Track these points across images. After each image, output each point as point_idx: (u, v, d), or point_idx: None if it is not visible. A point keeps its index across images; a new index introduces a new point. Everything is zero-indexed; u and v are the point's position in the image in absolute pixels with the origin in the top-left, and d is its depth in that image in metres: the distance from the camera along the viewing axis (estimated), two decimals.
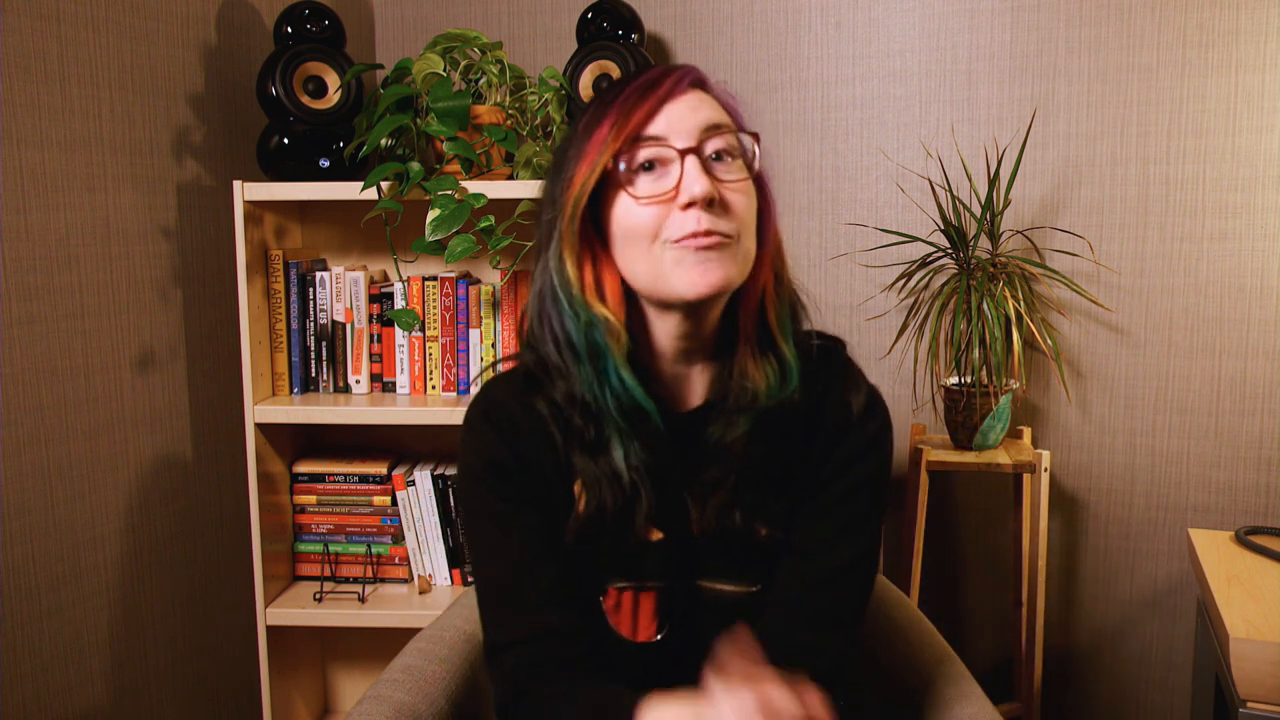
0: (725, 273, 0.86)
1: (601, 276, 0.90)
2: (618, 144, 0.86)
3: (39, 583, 1.35)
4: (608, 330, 0.89)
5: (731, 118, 0.91)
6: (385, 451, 1.84)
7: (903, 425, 1.94)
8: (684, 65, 0.91)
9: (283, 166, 1.66)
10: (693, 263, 0.85)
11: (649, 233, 0.86)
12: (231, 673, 1.75)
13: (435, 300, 1.70)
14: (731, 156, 0.88)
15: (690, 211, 0.84)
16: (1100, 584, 1.91)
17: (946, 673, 1.11)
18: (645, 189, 0.86)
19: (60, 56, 1.37)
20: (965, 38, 1.85)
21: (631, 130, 0.86)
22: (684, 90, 0.88)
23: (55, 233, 1.37)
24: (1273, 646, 1.23)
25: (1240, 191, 1.76)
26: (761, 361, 0.93)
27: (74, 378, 1.40)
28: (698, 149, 0.86)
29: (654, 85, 0.88)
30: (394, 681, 1.09)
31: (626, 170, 0.87)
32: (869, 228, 1.92)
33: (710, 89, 0.92)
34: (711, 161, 0.87)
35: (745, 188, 0.88)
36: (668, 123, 0.86)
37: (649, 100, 0.87)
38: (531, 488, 0.94)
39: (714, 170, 0.86)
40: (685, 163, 0.85)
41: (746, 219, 0.88)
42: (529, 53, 2.01)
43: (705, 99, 0.90)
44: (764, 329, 0.94)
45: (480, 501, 0.96)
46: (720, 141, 0.87)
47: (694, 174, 0.84)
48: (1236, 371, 1.79)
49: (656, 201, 0.86)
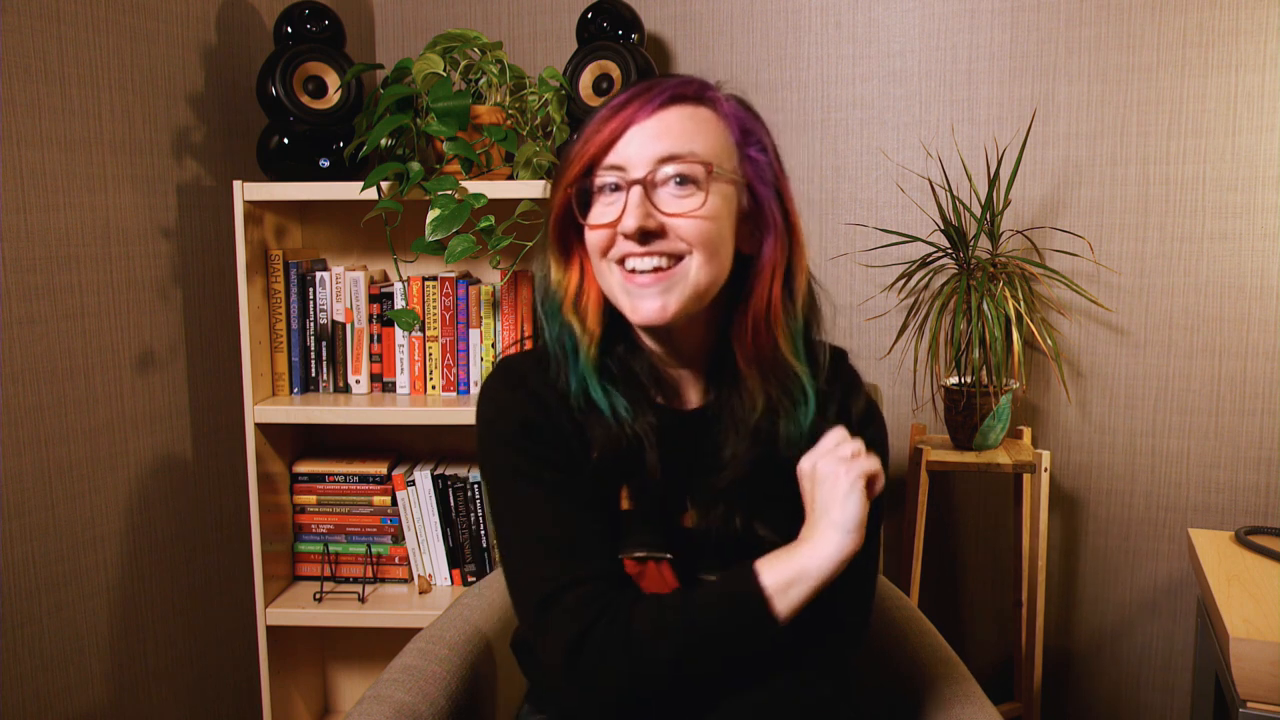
0: (663, 305, 0.88)
1: (585, 284, 0.95)
2: (579, 168, 0.90)
3: (39, 583, 1.35)
4: (577, 338, 0.93)
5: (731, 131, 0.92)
6: (385, 451, 1.84)
7: (903, 425, 1.94)
8: (674, 79, 0.92)
9: (283, 166, 1.66)
10: (634, 294, 0.89)
11: (600, 252, 0.91)
12: (231, 673, 1.76)
13: (435, 300, 1.70)
14: (693, 181, 0.88)
15: (627, 240, 0.88)
16: (1100, 584, 1.91)
17: (946, 673, 1.11)
18: (596, 215, 0.90)
19: (60, 56, 1.37)
20: (965, 38, 1.85)
21: (591, 158, 0.89)
22: (651, 112, 0.89)
23: (55, 233, 1.37)
24: (1273, 646, 1.23)
25: (1240, 191, 1.76)
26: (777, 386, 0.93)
27: (74, 378, 1.40)
28: (645, 180, 0.88)
29: (623, 106, 0.90)
30: (394, 681, 1.09)
31: (590, 194, 0.91)
32: (869, 228, 1.92)
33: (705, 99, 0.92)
34: (672, 184, 0.88)
35: (701, 213, 0.88)
36: (626, 149, 0.89)
37: (613, 122, 0.89)
38: (562, 449, 0.94)
39: (662, 200, 0.88)
40: (629, 193, 0.88)
41: (703, 241, 0.88)
42: (529, 53, 2.01)
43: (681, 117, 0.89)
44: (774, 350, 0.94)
45: (517, 460, 0.94)
46: (675, 167, 0.88)
47: (632, 205, 0.87)
48: (1236, 371, 1.79)
49: (603, 227, 0.90)
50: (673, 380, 0.98)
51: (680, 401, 0.99)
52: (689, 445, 0.96)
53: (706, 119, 0.91)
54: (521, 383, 0.96)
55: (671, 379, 0.98)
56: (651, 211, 0.88)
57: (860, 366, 1.05)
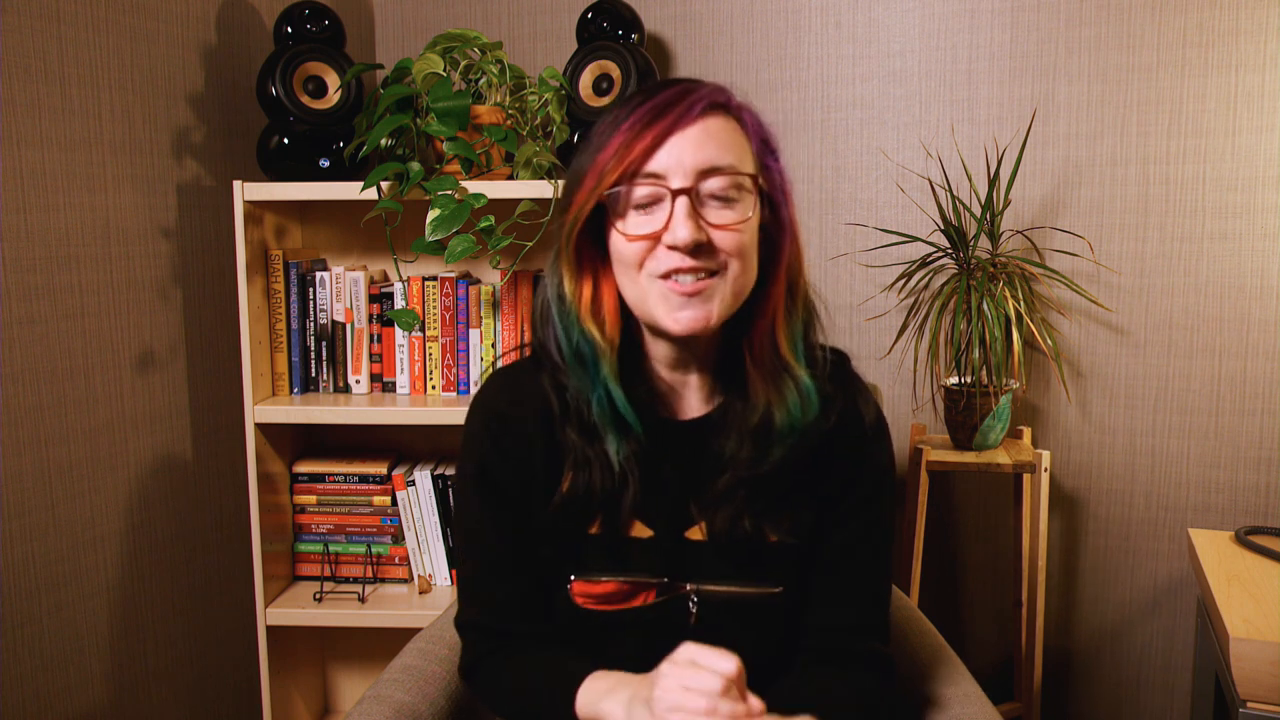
0: (707, 314, 0.88)
1: (600, 292, 0.93)
2: (616, 175, 0.87)
3: (39, 583, 1.35)
4: (596, 347, 0.92)
5: (750, 141, 0.92)
6: (385, 451, 1.84)
7: (903, 425, 1.94)
8: (703, 86, 0.90)
9: (283, 166, 1.66)
10: (676, 304, 0.88)
11: (635, 264, 0.89)
12: (231, 673, 1.76)
13: (435, 300, 1.70)
14: (734, 194, 0.88)
15: (674, 252, 0.86)
16: (1100, 584, 1.91)
17: (946, 673, 1.11)
18: (635, 225, 0.88)
19: (60, 56, 1.37)
20: (965, 38, 1.85)
21: (630, 164, 0.87)
22: (694, 119, 0.87)
23: (55, 233, 1.37)
24: (1273, 646, 1.23)
25: (1240, 191, 1.76)
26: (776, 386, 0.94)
27: (74, 378, 1.40)
28: (691, 190, 0.86)
29: (663, 112, 0.87)
30: (394, 681, 1.09)
31: (622, 202, 0.89)
32: (869, 228, 1.92)
33: (731, 109, 0.91)
34: (709, 199, 0.87)
35: (742, 227, 0.88)
36: (668, 158, 0.86)
37: (654, 129, 0.86)
38: (513, 491, 0.98)
39: (707, 211, 0.87)
40: (676, 204, 0.86)
41: (740, 252, 0.89)
42: (529, 53, 2.01)
43: (717, 127, 0.89)
44: (774, 351, 0.94)
45: (467, 500, 1.01)
46: (722, 178, 0.87)
47: (681, 217, 0.85)
48: (1236, 371, 1.79)
49: (644, 238, 0.88)
50: (675, 389, 0.99)
51: (681, 411, 0.99)
52: (691, 456, 0.97)
53: (735, 130, 0.91)
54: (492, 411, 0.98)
55: (674, 388, 0.99)
56: (701, 224, 0.86)
57: (860, 367, 1.06)
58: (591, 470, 0.93)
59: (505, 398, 0.99)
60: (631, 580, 0.96)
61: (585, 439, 0.94)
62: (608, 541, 0.96)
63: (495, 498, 0.98)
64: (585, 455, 0.93)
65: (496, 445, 0.97)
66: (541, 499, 0.96)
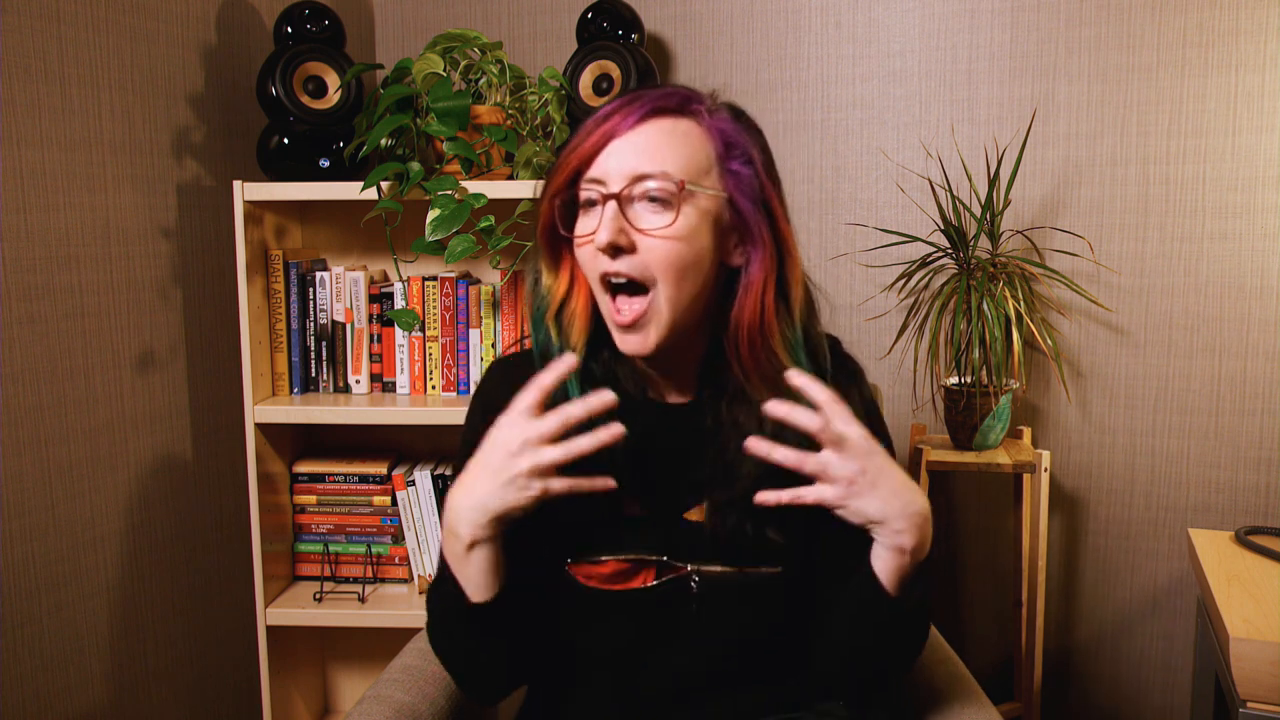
0: (644, 341, 0.90)
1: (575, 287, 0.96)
2: (561, 179, 0.91)
3: (39, 583, 1.35)
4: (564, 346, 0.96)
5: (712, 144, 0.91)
6: (385, 451, 1.84)
7: (903, 425, 1.94)
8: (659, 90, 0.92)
9: (283, 166, 1.66)
10: (617, 329, 0.92)
11: (589, 268, 0.92)
12: (231, 673, 1.76)
13: (435, 300, 1.70)
14: (664, 199, 0.88)
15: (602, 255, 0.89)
16: (1100, 584, 1.91)
17: (946, 673, 1.11)
18: (580, 228, 0.92)
19: (60, 56, 1.37)
20: (965, 38, 1.85)
21: (572, 170, 0.91)
22: (630, 125, 0.89)
23: (55, 233, 1.37)
24: (1273, 646, 1.23)
25: (1240, 191, 1.76)
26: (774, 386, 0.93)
27: (74, 378, 1.40)
28: (620, 194, 0.88)
29: (606, 118, 0.90)
30: (394, 681, 1.09)
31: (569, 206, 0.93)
32: (869, 228, 1.92)
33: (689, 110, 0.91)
34: (645, 201, 0.89)
35: (668, 233, 0.88)
36: (606, 162, 0.89)
37: (594, 136, 0.90)
38: None
39: (635, 217, 0.89)
40: (605, 208, 0.89)
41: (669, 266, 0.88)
42: (529, 53, 2.01)
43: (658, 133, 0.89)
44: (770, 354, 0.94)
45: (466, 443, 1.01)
46: (651, 184, 0.88)
47: (606, 220, 0.88)
48: (1236, 371, 1.79)
49: (584, 242, 0.91)
50: (661, 378, 1.00)
51: (670, 395, 1.00)
52: (683, 436, 0.98)
53: (686, 132, 0.90)
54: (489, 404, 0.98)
55: (659, 378, 1.00)
56: (624, 227, 0.88)
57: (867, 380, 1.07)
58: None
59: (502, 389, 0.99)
60: (630, 559, 0.96)
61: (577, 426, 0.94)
62: (602, 523, 0.97)
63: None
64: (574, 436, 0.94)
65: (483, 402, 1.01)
66: None
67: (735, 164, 0.92)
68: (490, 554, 0.89)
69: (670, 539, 0.97)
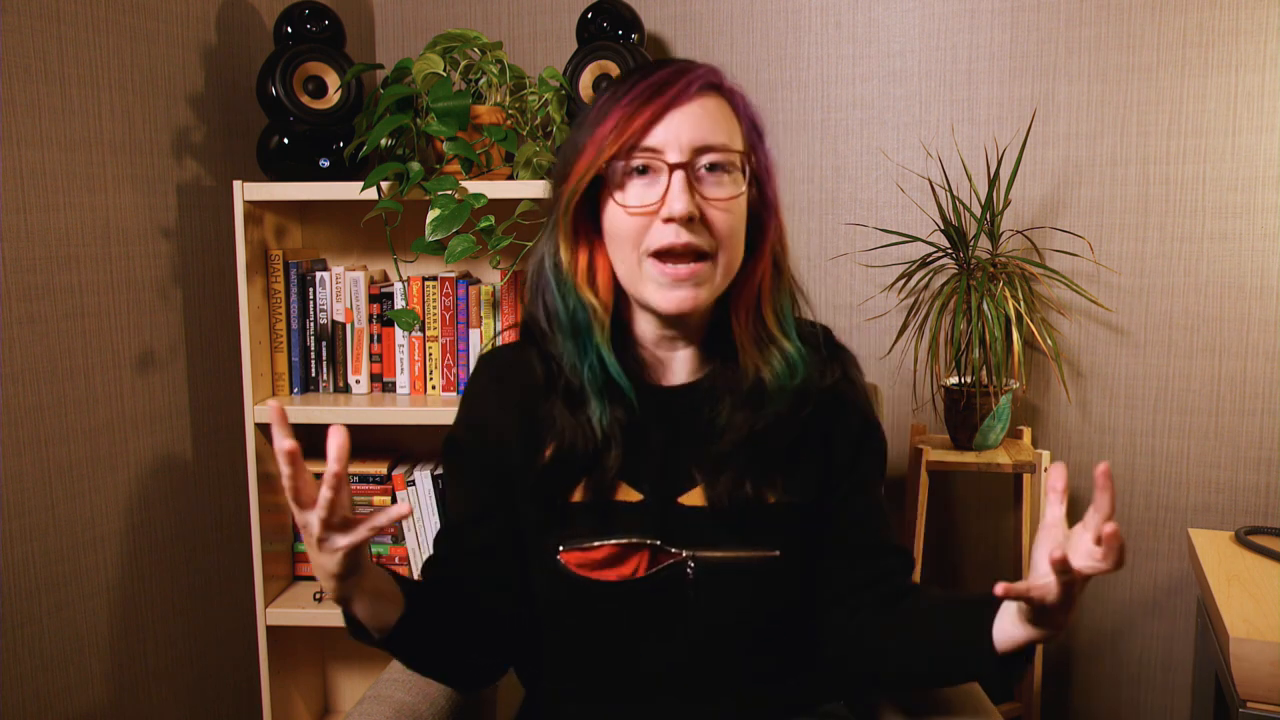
0: (696, 296, 0.91)
1: (595, 262, 0.96)
2: (615, 148, 0.89)
3: (39, 583, 1.35)
4: (592, 313, 0.95)
5: (740, 122, 0.94)
6: (385, 451, 1.84)
7: (903, 425, 1.94)
8: (699, 67, 0.93)
9: (283, 166, 1.66)
10: (667, 284, 0.91)
11: (631, 240, 0.91)
12: (231, 673, 1.76)
13: (435, 300, 1.70)
14: (726, 171, 0.91)
15: (670, 225, 0.89)
16: (1100, 584, 1.91)
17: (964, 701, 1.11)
18: (634, 197, 0.90)
19: (60, 56, 1.37)
20: (965, 38, 1.85)
21: (629, 138, 0.89)
22: (690, 97, 0.90)
23: (55, 233, 1.37)
24: (1273, 646, 1.23)
25: (1240, 191, 1.76)
26: (762, 353, 0.97)
27: (74, 378, 1.40)
28: (688, 164, 0.89)
29: (661, 89, 0.90)
30: (394, 681, 1.09)
31: (619, 175, 0.91)
32: (869, 228, 1.92)
33: (724, 90, 0.94)
34: (705, 173, 0.90)
35: (733, 205, 0.91)
36: (665, 133, 0.89)
37: (652, 105, 0.89)
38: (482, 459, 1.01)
39: (702, 186, 0.90)
40: (673, 178, 0.88)
41: (730, 234, 0.92)
42: (529, 53, 2.01)
43: (712, 107, 0.92)
44: (761, 322, 0.98)
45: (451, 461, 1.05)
46: (715, 155, 0.90)
47: (678, 190, 0.88)
48: (1236, 371, 1.79)
49: (641, 213, 0.90)
50: (661, 360, 1.01)
51: (666, 378, 1.01)
52: (683, 420, 0.98)
53: (727, 110, 0.94)
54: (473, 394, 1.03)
55: (659, 359, 1.01)
56: (695, 198, 0.89)
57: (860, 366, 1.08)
58: (575, 436, 0.94)
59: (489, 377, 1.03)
60: (621, 543, 0.95)
61: (569, 408, 0.95)
62: (594, 507, 0.96)
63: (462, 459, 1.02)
64: (568, 423, 0.95)
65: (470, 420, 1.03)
66: (521, 472, 0.98)
67: (757, 141, 0.96)
68: (363, 599, 0.88)
69: (665, 524, 0.96)
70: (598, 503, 0.96)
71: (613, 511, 0.96)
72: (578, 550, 0.96)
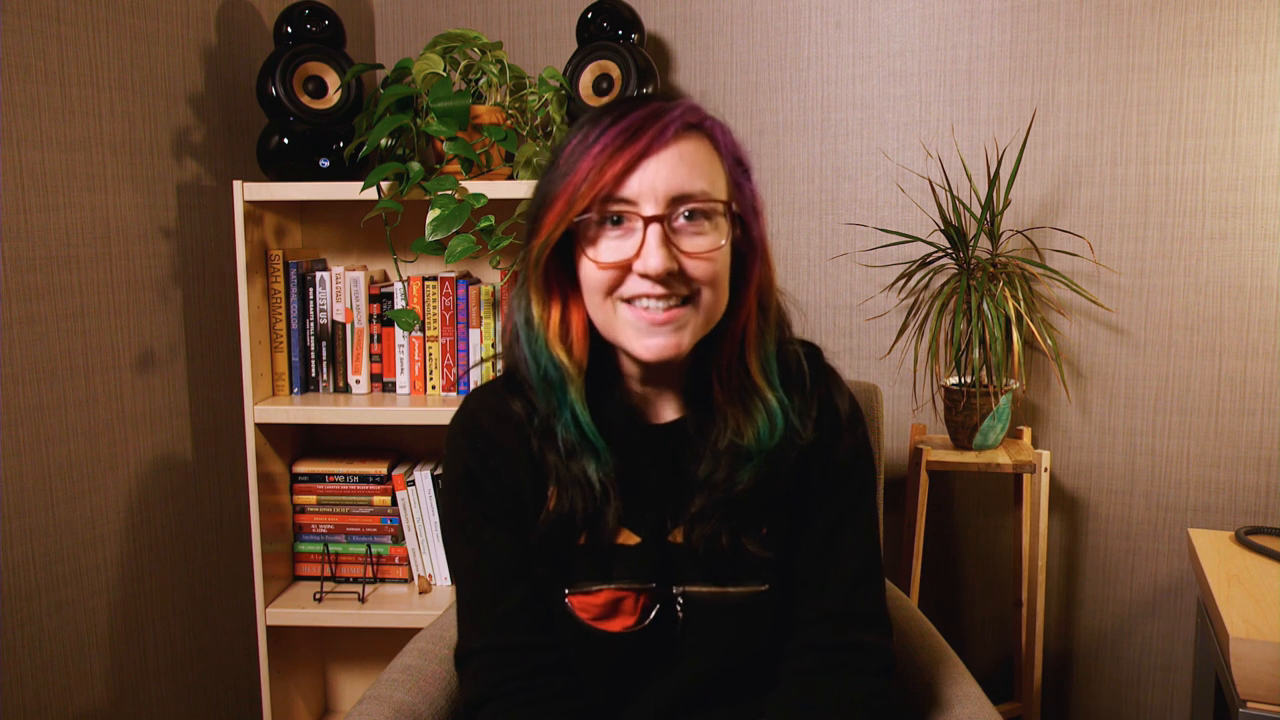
0: (678, 342, 0.87)
1: (569, 314, 0.92)
2: (586, 201, 0.84)
3: (39, 583, 1.35)
4: (564, 372, 0.90)
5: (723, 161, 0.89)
6: (385, 451, 1.84)
7: (903, 425, 1.94)
8: (676, 106, 0.87)
9: (283, 166, 1.66)
10: (645, 331, 0.87)
11: (604, 290, 0.87)
12: (231, 673, 1.76)
13: (435, 300, 1.70)
14: (708, 218, 0.86)
15: (645, 280, 0.85)
16: (1100, 584, 1.91)
17: (946, 673, 1.11)
18: (607, 252, 0.86)
19: (60, 56, 1.37)
20: (965, 38, 1.85)
21: (602, 190, 0.84)
22: (666, 143, 0.84)
23: (55, 233, 1.37)
24: (1273, 646, 1.23)
25: (1240, 191, 1.76)
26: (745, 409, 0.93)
27: (74, 378, 1.40)
28: (663, 218, 0.84)
29: (635, 135, 0.84)
30: (394, 681, 1.09)
31: (592, 229, 0.87)
32: (869, 228, 1.92)
33: (704, 128, 0.89)
34: (684, 222, 0.85)
35: (714, 255, 0.86)
36: (640, 183, 0.84)
37: (625, 154, 0.84)
38: (503, 503, 0.96)
39: (680, 238, 0.85)
40: (648, 232, 0.84)
41: (712, 281, 0.87)
42: (529, 53, 2.01)
43: (689, 150, 0.86)
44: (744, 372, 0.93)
45: (455, 513, 0.99)
46: (694, 206, 0.85)
47: (653, 246, 0.83)
48: (1236, 371, 1.79)
49: (615, 267, 0.86)
50: (652, 397, 0.98)
51: (657, 416, 0.98)
52: (670, 457, 0.96)
53: (709, 150, 0.88)
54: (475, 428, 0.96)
55: (650, 396, 0.98)
56: (673, 252, 0.84)
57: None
58: (574, 492, 0.92)
59: (487, 416, 0.97)
60: (623, 587, 0.94)
61: (564, 458, 0.92)
62: (596, 551, 0.94)
63: (486, 507, 0.96)
64: (567, 472, 0.92)
65: (482, 460, 0.96)
66: (530, 515, 0.95)
67: (741, 179, 0.91)
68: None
69: (659, 564, 0.95)
70: (598, 548, 0.94)
71: (614, 555, 0.95)
72: (581, 594, 0.95)
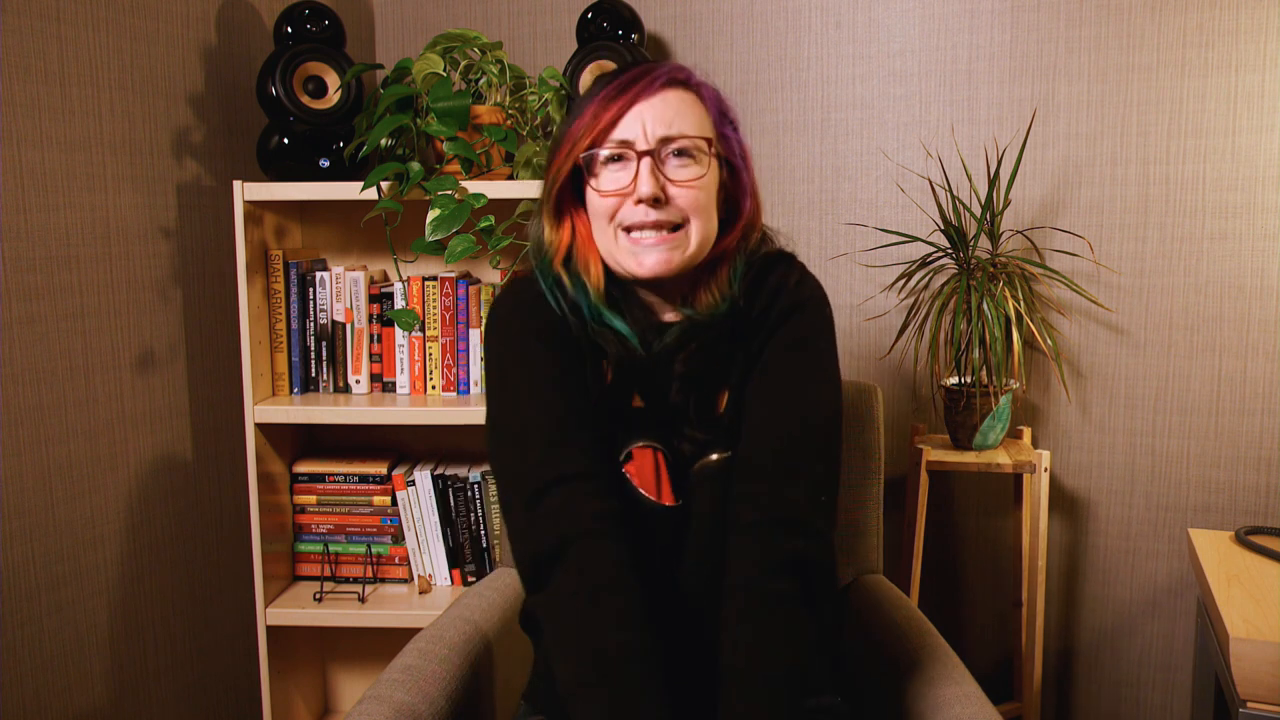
0: (669, 260, 1.00)
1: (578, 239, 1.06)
2: (588, 140, 1.00)
3: (39, 583, 1.35)
4: (584, 280, 1.04)
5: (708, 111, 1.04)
6: (385, 451, 1.84)
7: (902, 425, 1.94)
8: (665, 65, 1.04)
9: (283, 166, 1.66)
10: (640, 251, 1.01)
11: (607, 216, 1.02)
12: (231, 673, 1.76)
13: (435, 300, 1.70)
14: (692, 155, 1.01)
15: (640, 206, 0.99)
16: (1100, 584, 1.91)
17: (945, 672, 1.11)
18: (607, 182, 1.01)
19: (60, 56, 1.37)
20: (965, 38, 1.85)
21: (600, 131, 1.00)
22: (654, 91, 1.00)
23: (55, 233, 1.37)
24: (1273, 646, 1.23)
25: (1240, 191, 1.76)
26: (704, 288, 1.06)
27: (74, 378, 1.40)
28: (654, 152, 0.99)
29: (628, 86, 1.00)
30: (394, 681, 1.09)
31: (595, 164, 1.01)
32: (869, 228, 1.92)
33: (691, 85, 1.04)
34: (672, 158, 1.00)
35: (700, 184, 1.01)
36: (633, 124, 1.00)
37: (620, 100, 1.00)
38: (568, 355, 1.05)
39: (667, 169, 1.00)
40: (640, 164, 0.99)
41: (698, 209, 1.01)
42: (529, 53, 2.01)
43: (675, 99, 1.01)
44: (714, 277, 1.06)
45: (526, 356, 1.04)
46: (680, 143, 1.00)
47: (645, 175, 0.99)
48: (1236, 371, 1.79)
49: (614, 194, 1.00)
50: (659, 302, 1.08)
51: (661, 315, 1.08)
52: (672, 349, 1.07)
53: (695, 102, 1.03)
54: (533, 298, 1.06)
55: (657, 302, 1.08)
56: (662, 181, 0.99)
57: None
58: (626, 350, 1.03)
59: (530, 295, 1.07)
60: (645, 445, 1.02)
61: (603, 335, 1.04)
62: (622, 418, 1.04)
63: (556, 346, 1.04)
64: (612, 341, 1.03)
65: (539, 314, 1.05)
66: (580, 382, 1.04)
67: (727, 129, 1.06)
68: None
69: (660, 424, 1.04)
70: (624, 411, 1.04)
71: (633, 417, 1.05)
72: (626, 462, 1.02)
